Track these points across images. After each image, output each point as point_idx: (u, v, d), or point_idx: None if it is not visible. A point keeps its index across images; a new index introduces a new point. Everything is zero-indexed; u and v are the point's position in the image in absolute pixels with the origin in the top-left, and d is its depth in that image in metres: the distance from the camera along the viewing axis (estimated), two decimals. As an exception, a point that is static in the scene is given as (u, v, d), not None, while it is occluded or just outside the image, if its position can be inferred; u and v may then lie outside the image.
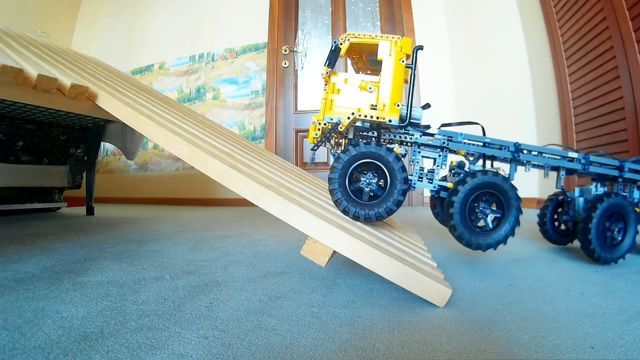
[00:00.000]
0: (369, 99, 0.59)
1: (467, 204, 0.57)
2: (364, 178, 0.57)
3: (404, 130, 0.63)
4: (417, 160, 0.64)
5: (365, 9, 2.40)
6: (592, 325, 0.39)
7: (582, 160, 0.68)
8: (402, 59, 0.58)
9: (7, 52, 0.85)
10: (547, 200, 0.84)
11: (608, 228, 0.67)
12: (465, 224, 0.57)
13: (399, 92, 0.58)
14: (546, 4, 1.75)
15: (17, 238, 0.92)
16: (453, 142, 0.63)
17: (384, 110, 0.58)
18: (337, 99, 0.61)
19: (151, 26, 2.92)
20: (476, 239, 0.57)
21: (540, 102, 1.84)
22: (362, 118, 0.58)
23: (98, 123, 1.50)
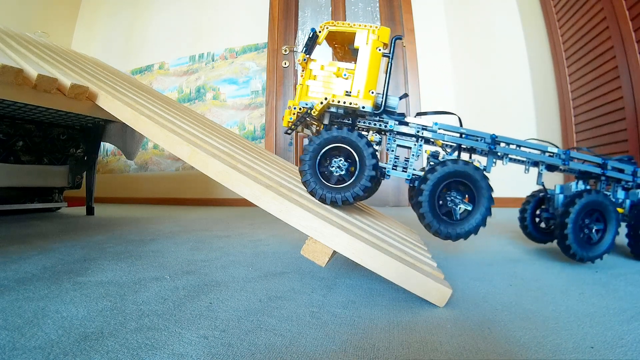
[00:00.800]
0: (344, 86, 0.59)
1: (437, 193, 0.56)
2: (334, 162, 0.58)
3: (379, 118, 0.63)
4: (392, 149, 0.65)
5: (365, 9, 2.40)
6: (592, 325, 0.39)
7: (563, 155, 0.67)
8: (378, 48, 0.59)
9: (7, 52, 0.85)
10: (528, 197, 0.83)
11: (587, 225, 0.65)
12: (434, 212, 0.56)
13: (373, 80, 0.58)
14: (546, 4, 1.75)
15: (17, 238, 0.92)
16: (427, 131, 0.63)
17: (358, 97, 0.58)
18: (312, 85, 0.61)
19: (151, 26, 2.92)
20: (445, 228, 0.56)
21: (540, 102, 1.84)
22: (335, 103, 0.59)
23: (98, 123, 1.50)
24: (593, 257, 0.64)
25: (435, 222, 0.56)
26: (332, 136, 0.57)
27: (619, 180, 0.72)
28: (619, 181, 0.72)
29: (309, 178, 0.57)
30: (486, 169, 0.64)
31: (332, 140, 0.57)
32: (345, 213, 0.62)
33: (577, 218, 0.63)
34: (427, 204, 0.56)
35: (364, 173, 0.56)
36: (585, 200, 0.63)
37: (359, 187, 0.56)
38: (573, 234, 0.63)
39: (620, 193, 0.73)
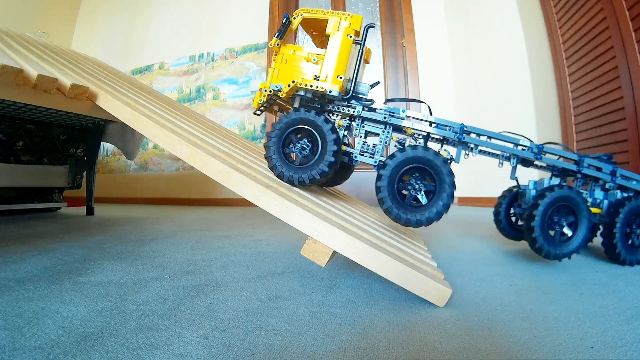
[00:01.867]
0: (314, 70, 0.61)
1: (396, 179, 0.56)
2: (298, 143, 0.60)
3: (347, 103, 0.64)
4: (361, 134, 0.65)
5: (365, 9, 2.40)
6: (592, 325, 0.39)
7: (535, 149, 0.65)
8: (349, 35, 0.60)
9: (7, 52, 0.85)
10: (504, 192, 0.83)
11: (557, 222, 0.63)
12: (393, 198, 0.56)
13: (342, 65, 0.59)
14: (546, 4, 1.75)
15: (17, 238, 0.92)
16: (395, 118, 0.63)
17: (326, 81, 0.59)
18: (284, 69, 0.63)
19: (151, 26, 2.92)
20: (405, 213, 0.56)
21: (540, 102, 1.84)
22: (303, 87, 0.60)
23: (98, 123, 1.50)
24: (561, 255, 0.62)
25: (395, 207, 0.56)
26: (292, 119, 0.59)
27: (596, 180, 0.70)
28: (596, 180, 0.70)
29: (275, 163, 0.59)
30: (455, 160, 0.64)
31: (293, 122, 0.59)
32: (345, 213, 0.62)
33: (546, 211, 0.61)
34: (385, 190, 0.56)
35: (326, 150, 0.57)
36: (556, 195, 0.61)
37: (323, 164, 0.57)
38: (540, 227, 0.61)
39: (599, 193, 0.71)
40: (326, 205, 0.60)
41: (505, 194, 0.82)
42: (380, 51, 2.34)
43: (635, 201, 0.66)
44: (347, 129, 0.66)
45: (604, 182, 0.70)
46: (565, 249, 0.62)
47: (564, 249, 0.62)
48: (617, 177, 0.68)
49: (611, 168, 0.68)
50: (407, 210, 0.56)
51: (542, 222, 0.61)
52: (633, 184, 0.69)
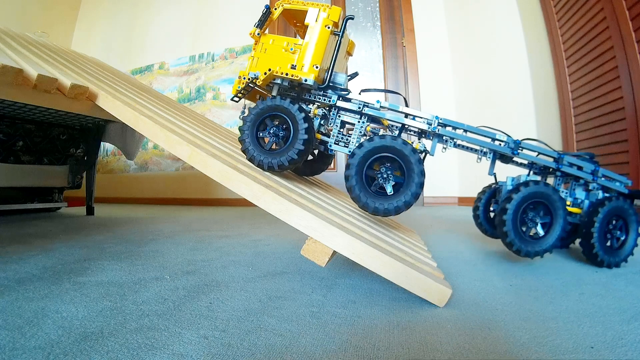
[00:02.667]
0: (292, 60, 0.62)
1: (364, 167, 0.56)
2: (271, 129, 0.61)
3: (323, 93, 0.65)
4: (336, 124, 0.66)
5: (365, 9, 2.40)
6: (592, 325, 0.39)
7: (512, 144, 0.64)
8: (327, 26, 0.61)
9: (7, 52, 0.85)
10: (484, 188, 0.82)
11: (531, 219, 0.62)
12: (361, 186, 0.56)
13: (319, 55, 0.60)
14: (546, 4, 1.75)
15: (17, 238, 0.92)
16: (369, 108, 0.64)
17: (302, 70, 0.60)
18: (263, 58, 0.64)
19: (151, 26, 2.92)
20: (373, 202, 0.55)
21: (540, 102, 1.84)
22: (279, 75, 0.61)
23: (98, 123, 1.50)
24: (532, 253, 0.60)
25: (363, 195, 0.56)
26: (267, 105, 0.60)
27: (577, 179, 0.68)
28: (577, 179, 0.68)
29: (247, 146, 0.61)
30: (429, 152, 0.65)
31: (267, 109, 0.60)
32: (345, 213, 0.62)
33: (519, 206, 0.60)
34: (354, 178, 0.56)
35: (297, 137, 0.58)
36: (531, 190, 0.60)
37: (293, 152, 0.58)
38: (512, 222, 0.60)
39: (580, 193, 0.70)
40: (326, 205, 0.60)
41: (485, 189, 0.82)
42: (380, 51, 2.34)
43: (615, 202, 0.64)
44: (324, 118, 0.67)
45: (585, 182, 0.69)
46: (537, 247, 0.61)
47: (536, 247, 0.61)
48: (598, 177, 0.67)
49: (592, 167, 0.67)
50: (375, 199, 0.56)
51: (514, 216, 0.60)
52: (616, 185, 0.68)
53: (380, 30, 2.35)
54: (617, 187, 0.68)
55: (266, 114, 0.61)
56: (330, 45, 0.63)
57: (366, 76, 2.36)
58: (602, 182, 0.68)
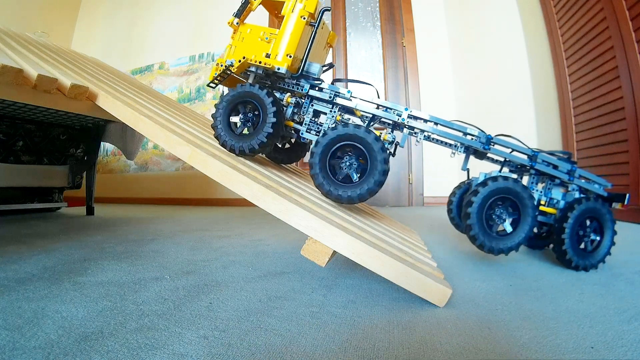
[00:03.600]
0: (267, 49, 0.64)
1: (328, 155, 0.57)
2: (243, 115, 0.63)
3: (296, 82, 0.67)
4: (309, 113, 0.68)
5: (365, 9, 2.40)
6: (592, 325, 0.39)
7: (483, 139, 0.63)
8: (303, 16, 0.62)
9: (7, 52, 0.85)
10: (459, 184, 0.82)
11: (498, 215, 0.60)
12: (325, 174, 0.57)
13: (293, 45, 0.62)
14: (546, 4, 1.75)
15: (17, 238, 0.92)
16: (340, 97, 0.65)
17: (276, 59, 0.62)
18: (240, 46, 0.66)
19: (151, 26, 2.92)
20: (336, 190, 0.57)
21: (540, 102, 1.84)
22: (253, 63, 0.63)
23: (98, 123, 1.50)
24: (497, 249, 0.59)
25: (326, 183, 0.57)
26: (238, 92, 0.62)
27: (553, 178, 0.67)
28: (553, 179, 0.67)
29: (220, 132, 0.63)
30: (399, 144, 0.66)
31: (238, 95, 0.62)
32: (345, 213, 0.62)
33: (485, 200, 0.58)
34: (317, 166, 0.57)
35: (266, 122, 0.60)
36: (499, 185, 0.58)
37: (262, 135, 0.60)
38: (477, 215, 0.58)
39: (557, 193, 0.68)
40: (326, 205, 0.60)
41: (461, 184, 0.82)
42: (380, 51, 2.34)
43: (588, 203, 0.62)
44: (297, 107, 0.68)
45: (562, 182, 0.67)
46: (502, 244, 0.59)
47: (501, 244, 0.59)
48: (574, 177, 0.66)
49: (569, 167, 0.66)
50: (338, 187, 0.57)
51: (479, 209, 0.59)
52: (595, 187, 0.67)
53: (380, 30, 2.35)
54: (596, 189, 0.67)
55: (238, 101, 0.63)
56: (306, 36, 0.64)
57: (366, 76, 2.36)
58: (579, 182, 0.66)
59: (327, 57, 0.79)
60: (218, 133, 0.63)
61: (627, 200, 0.65)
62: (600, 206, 0.63)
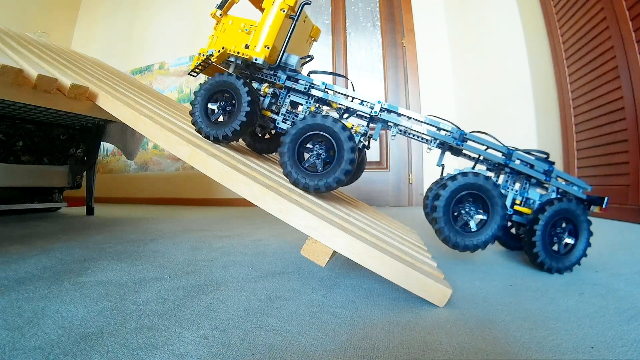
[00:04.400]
0: (246, 40, 0.66)
1: (297, 145, 0.59)
2: (220, 104, 0.65)
3: (273, 73, 0.69)
4: (285, 104, 0.69)
5: (365, 9, 2.40)
6: (592, 325, 0.39)
7: (455, 134, 0.63)
8: (283, 9, 0.64)
9: (7, 52, 0.85)
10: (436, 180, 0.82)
11: (466, 211, 0.59)
12: (293, 163, 0.59)
13: (272, 37, 0.64)
14: (546, 4, 1.75)
15: (17, 238, 0.92)
16: (315, 89, 0.67)
17: (254, 50, 0.64)
18: (221, 37, 0.69)
19: (151, 26, 2.92)
20: (304, 179, 0.58)
21: (540, 102, 1.84)
22: (232, 53, 0.66)
23: (98, 123, 1.50)
24: (462, 245, 0.57)
25: (294, 172, 0.58)
26: (215, 81, 0.64)
27: (530, 178, 0.66)
28: (529, 178, 0.66)
29: (197, 119, 0.65)
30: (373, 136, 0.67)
31: (215, 84, 0.64)
32: (345, 213, 0.62)
33: (454, 194, 0.57)
34: (286, 155, 0.59)
35: (240, 110, 0.62)
36: (468, 181, 0.57)
37: (236, 122, 0.62)
38: (444, 208, 0.57)
39: (534, 193, 0.66)
40: (326, 205, 0.60)
41: (438, 181, 0.81)
42: (380, 51, 2.34)
43: (562, 204, 0.61)
44: (274, 97, 0.70)
45: (539, 182, 0.66)
46: (467, 240, 0.58)
47: (466, 240, 0.58)
48: (551, 178, 0.64)
49: (546, 167, 0.65)
50: (305, 176, 0.58)
51: (446, 203, 0.58)
52: (574, 189, 0.65)
53: (380, 30, 2.35)
54: (575, 191, 0.66)
55: (215, 89, 0.64)
56: (285, 28, 0.66)
57: (366, 76, 2.36)
58: (556, 183, 0.65)
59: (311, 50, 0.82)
60: (195, 120, 0.65)
61: (605, 204, 0.63)
62: (574, 208, 0.62)
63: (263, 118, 0.71)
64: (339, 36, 2.40)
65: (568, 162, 1.62)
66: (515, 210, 0.67)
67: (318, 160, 0.59)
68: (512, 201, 0.67)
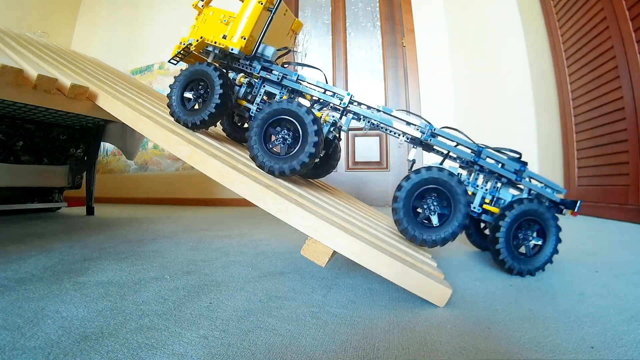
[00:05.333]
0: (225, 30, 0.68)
1: (263, 130, 0.61)
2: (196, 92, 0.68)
3: (249, 63, 0.71)
4: (260, 93, 0.72)
5: (365, 9, 2.40)
6: (592, 325, 0.39)
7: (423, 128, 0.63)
8: (261, 2, 0.68)
9: (7, 52, 0.85)
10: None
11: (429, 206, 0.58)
12: (260, 146, 0.61)
13: (249, 28, 0.67)
14: (546, 4, 1.75)
15: (17, 238, 0.92)
16: (287, 80, 0.70)
17: (231, 41, 0.67)
18: (202, 27, 0.71)
19: (151, 26, 2.92)
20: (269, 161, 0.60)
21: (540, 102, 1.84)
22: (210, 43, 0.69)
23: (98, 123, 1.50)
24: (419, 239, 0.56)
25: (260, 154, 0.61)
26: (189, 71, 0.67)
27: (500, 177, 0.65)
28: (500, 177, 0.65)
29: (174, 108, 0.68)
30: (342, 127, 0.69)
31: (190, 74, 0.67)
32: (345, 213, 0.62)
33: (415, 187, 0.56)
34: (252, 139, 0.61)
35: (213, 95, 0.64)
36: (432, 175, 0.56)
37: (210, 107, 0.64)
38: (404, 200, 0.56)
39: (505, 193, 0.65)
40: (326, 205, 0.60)
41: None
42: (380, 51, 2.34)
43: (528, 205, 0.59)
44: (250, 86, 0.73)
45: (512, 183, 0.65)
46: (427, 235, 0.56)
47: (425, 234, 0.56)
48: (522, 178, 0.63)
49: (517, 166, 0.63)
50: (270, 159, 0.61)
51: (407, 195, 0.57)
52: (547, 192, 0.64)
53: (380, 30, 2.35)
54: (548, 193, 0.64)
55: (191, 78, 0.67)
56: (263, 20, 0.68)
57: (366, 76, 2.36)
58: (527, 184, 0.64)
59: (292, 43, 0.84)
60: (172, 108, 0.68)
61: (577, 208, 0.62)
62: (544, 210, 0.60)
63: (239, 107, 0.74)
64: (339, 36, 2.39)
65: (568, 162, 1.62)
66: (485, 210, 0.65)
67: (284, 144, 0.62)
68: (482, 200, 0.66)
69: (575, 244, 0.85)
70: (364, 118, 0.68)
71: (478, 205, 0.66)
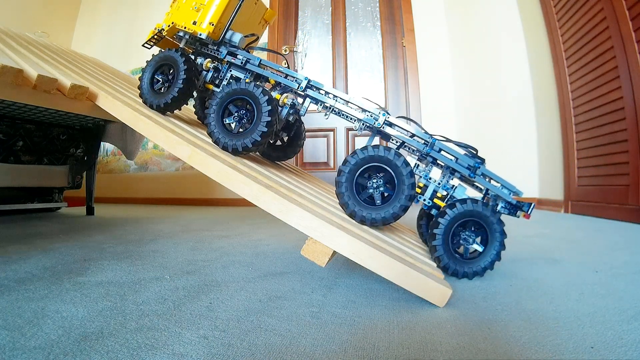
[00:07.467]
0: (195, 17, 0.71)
1: (221, 108, 0.65)
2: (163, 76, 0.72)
3: (217, 48, 0.75)
4: (226, 78, 0.76)
5: (365, 9, 2.40)
6: (592, 325, 0.39)
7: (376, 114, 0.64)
8: None
9: (7, 52, 0.85)
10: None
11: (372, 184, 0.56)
12: (216, 124, 0.65)
13: (217, 15, 0.70)
14: (546, 4, 1.75)
15: (17, 238, 0.92)
16: (250, 64, 0.73)
17: (199, 26, 0.70)
18: (175, 13, 0.75)
19: (151, 26, 2.92)
20: (224, 138, 0.64)
21: (540, 102, 1.84)
22: (180, 28, 0.72)
23: (98, 123, 1.50)
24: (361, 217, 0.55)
25: (216, 131, 0.64)
26: (159, 56, 0.72)
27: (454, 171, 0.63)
28: (454, 172, 0.64)
29: (145, 92, 0.72)
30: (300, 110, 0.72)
31: (159, 59, 0.72)
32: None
33: (358, 166, 0.55)
34: (211, 117, 0.65)
35: (178, 78, 0.68)
36: (374, 153, 0.55)
37: (174, 90, 0.68)
38: (346, 182, 0.55)
39: (460, 191, 0.64)
40: (326, 205, 0.60)
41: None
42: (380, 51, 2.34)
43: (475, 206, 0.57)
44: (216, 71, 0.76)
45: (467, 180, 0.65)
46: (366, 212, 0.55)
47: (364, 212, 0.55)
48: (475, 174, 0.62)
49: (471, 162, 0.62)
50: (225, 136, 0.64)
51: (351, 170, 0.55)
52: (503, 192, 0.62)
53: (380, 30, 2.35)
54: (504, 194, 0.62)
55: (160, 63, 0.71)
56: (231, 8, 0.72)
57: (366, 76, 2.36)
58: (481, 181, 0.62)
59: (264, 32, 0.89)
60: (143, 94, 0.72)
61: (530, 211, 0.61)
62: (488, 213, 0.58)
63: (207, 91, 0.77)
64: (339, 36, 2.39)
65: (568, 162, 1.62)
66: (434, 204, 0.65)
67: (239, 122, 0.65)
68: (433, 193, 0.65)
69: (575, 244, 0.85)
70: (320, 102, 0.70)
71: (429, 198, 0.65)
